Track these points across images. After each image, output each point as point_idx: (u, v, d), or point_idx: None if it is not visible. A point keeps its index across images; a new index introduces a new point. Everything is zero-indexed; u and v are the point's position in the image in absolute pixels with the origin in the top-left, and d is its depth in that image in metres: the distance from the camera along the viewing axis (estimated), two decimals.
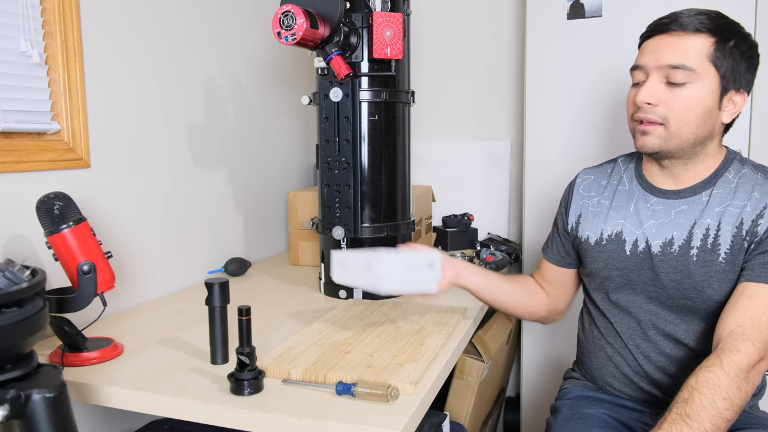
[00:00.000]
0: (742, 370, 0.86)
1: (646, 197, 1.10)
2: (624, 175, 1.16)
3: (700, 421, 0.82)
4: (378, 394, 0.84)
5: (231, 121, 1.73)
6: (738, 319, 0.93)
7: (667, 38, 1.00)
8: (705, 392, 0.84)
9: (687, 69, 0.97)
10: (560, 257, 1.24)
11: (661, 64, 0.99)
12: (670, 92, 0.99)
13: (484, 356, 1.57)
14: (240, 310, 0.88)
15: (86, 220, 1.00)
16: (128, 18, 1.33)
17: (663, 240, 1.05)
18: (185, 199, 1.53)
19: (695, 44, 0.98)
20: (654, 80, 1.00)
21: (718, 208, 1.02)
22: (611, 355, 1.14)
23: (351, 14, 1.30)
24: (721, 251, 1.00)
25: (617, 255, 1.10)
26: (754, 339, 0.89)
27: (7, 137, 1.10)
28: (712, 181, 1.04)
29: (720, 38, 0.98)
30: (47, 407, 0.65)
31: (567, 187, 1.26)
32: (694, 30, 0.98)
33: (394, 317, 1.23)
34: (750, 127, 1.57)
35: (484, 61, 2.16)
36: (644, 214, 1.09)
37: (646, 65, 1.02)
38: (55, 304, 0.97)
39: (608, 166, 1.21)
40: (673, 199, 1.07)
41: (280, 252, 2.01)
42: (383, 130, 1.37)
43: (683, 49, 0.98)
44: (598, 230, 1.13)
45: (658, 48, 1.00)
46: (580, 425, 1.10)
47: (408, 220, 1.46)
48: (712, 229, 1.01)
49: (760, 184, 1.01)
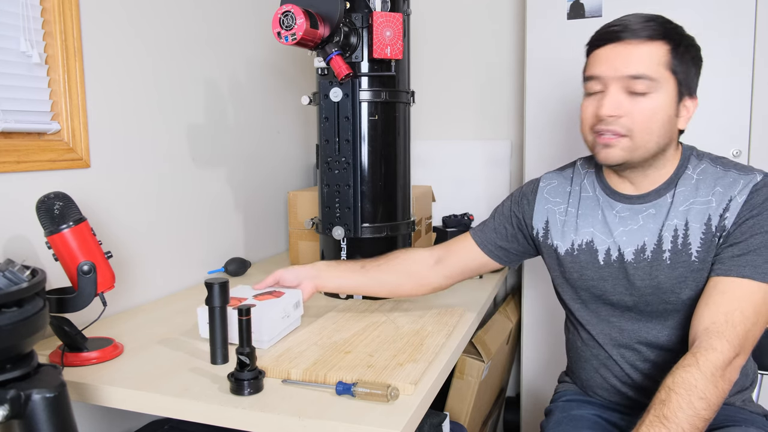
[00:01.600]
0: (718, 369, 0.85)
1: (611, 204, 1.07)
2: (585, 181, 1.13)
3: (678, 423, 0.81)
4: (378, 394, 0.84)
5: (231, 121, 1.73)
6: (711, 315, 0.91)
7: (622, 47, 0.96)
8: (682, 393, 0.83)
9: (647, 78, 0.95)
10: (494, 246, 1.20)
11: (620, 75, 0.96)
12: (632, 102, 0.96)
13: (484, 356, 1.57)
14: (240, 310, 0.88)
15: (86, 220, 1.00)
16: (128, 18, 1.33)
17: (635, 247, 1.03)
18: (185, 199, 1.53)
19: (652, 52, 0.95)
20: (614, 91, 0.96)
21: (683, 207, 1.00)
22: (597, 366, 1.13)
23: (351, 14, 1.30)
24: (693, 250, 0.99)
25: (591, 265, 1.08)
26: (728, 336, 0.88)
27: (7, 137, 1.10)
28: (673, 182, 1.03)
29: (673, 45, 0.96)
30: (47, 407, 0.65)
31: (528, 185, 1.21)
32: (647, 37, 0.95)
33: (394, 317, 1.23)
34: (750, 127, 1.57)
35: (484, 61, 2.16)
36: (612, 222, 1.06)
37: (604, 76, 0.97)
38: (55, 304, 0.97)
39: (569, 171, 1.17)
40: (638, 204, 1.05)
41: (280, 252, 2.01)
42: (383, 130, 1.37)
43: (641, 58, 0.95)
44: (569, 240, 1.11)
45: (614, 57, 0.96)
46: (570, 427, 1.10)
47: (408, 220, 1.46)
48: (681, 228, 1.00)
49: (721, 178, 0.99)
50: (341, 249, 1.40)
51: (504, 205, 1.23)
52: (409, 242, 1.48)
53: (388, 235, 1.39)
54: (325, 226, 1.38)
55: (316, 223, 1.45)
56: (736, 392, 1.07)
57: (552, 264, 1.16)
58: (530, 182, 1.22)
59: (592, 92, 1.01)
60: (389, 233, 1.39)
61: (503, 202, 1.24)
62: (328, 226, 1.37)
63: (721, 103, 1.59)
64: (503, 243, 1.20)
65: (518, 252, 1.21)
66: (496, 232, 1.21)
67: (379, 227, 1.38)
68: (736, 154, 1.58)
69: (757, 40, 1.54)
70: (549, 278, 1.20)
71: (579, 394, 1.20)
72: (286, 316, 1.11)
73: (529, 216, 1.17)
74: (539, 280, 1.82)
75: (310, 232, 1.76)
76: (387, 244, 1.41)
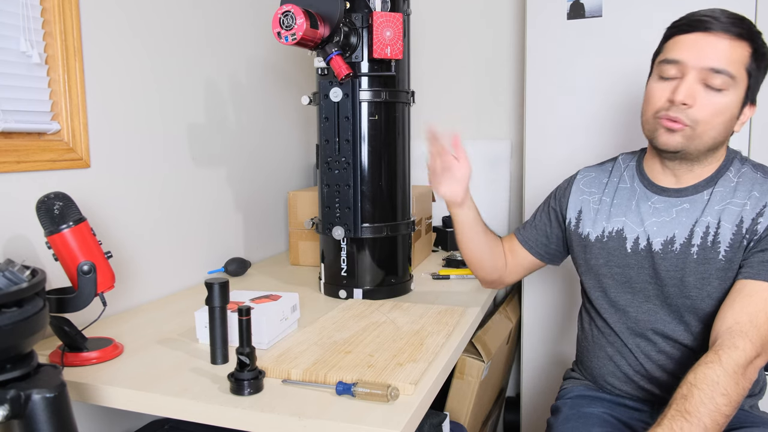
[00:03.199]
0: (740, 367, 0.86)
1: (647, 195, 1.09)
2: (625, 173, 1.15)
3: (699, 417, 0.82)
4: (378, 394, 0.84)
5: (231, 121, 1.73)
6: (736, 316, 0.93)
7: (711, 38, 0.95)
8: (704, 388, 0.84)
9: (727, 75, 0.94)
10: (534, 242, 1.25)
11: (703, 65, 0.95)
12: (706, 96, 0.96)
13: (484, 356, 1.57)
14: (240, 310, 0.88)
15: (86, 220, 1.00)
16: (128, 18, 1.33)
17: (664, 238, 1.05)
18: (185, 199, 1.53)
19: (737, 50, 0.95)
20: (692, 80, 0.96)
21: (718, 206, 1.02)
22: (611, 354, 1.14)
23: (351, 14, 1.30)
24: (721, 249, 1.00)
25: (618, 252, 1.10)
26: (751, 336, 0.89)
27: (7, 137, 1.10)
28: (713, 180, 1.04)
29: (755, 48, 0.96)
30: (47, 407, 0.65)
31: (565, 180, 1.25)
32: (737, 35, 0.95)
33: (394, 317, 1.23)
34: (750, 127, 1.57)
35: (484, 61, 2.16)
36: (646, 212, 1.08)
37: (686, 62, 0.96)
38: (55, 304, 0.97)
39: (609, 165, 1.20)
40: (675, 197, 1.06)
41: (280, 252, 2.01)
42: (383, 130, 1.37)
43: (728, 53, 0.94)
44: (600, 227, 1.13)
45: (700, 46, 0.95)
46: (580, 424, 1.10)
47: (408, 220, 1.46)
48: (712, 227, 1.01)
49: (759, 183, 1.01)
50: (341, 249, 1.40)
51: (544, 203, 1.27)
52: (409, 242, 1.48)
53: (388, 235, 1.39)
54: (325, 226, 1.38)
55: (316, 223, 1.45)
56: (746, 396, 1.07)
57: (579, 252, 1.18)
58: (568, 178, 1.26)
59: (665, 76, 1.00)
60: (389, 233, 1.39)
61: (545, 200, 1.28)
62: (328, 226, 1.37)
63: None
64: (543, 239, 1.24)
65: (559, 247, 1.24)
66: (536, 228, 1.25)
67: (379, 227, 1.38)
68: None
69: None
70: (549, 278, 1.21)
71: (588, 389, 1.21)
72: (283, 319, 1.11)
73: (564, 207, 1.21)
74: (539, 280, 1.82)
75: (310, 232, 1.76)
76: (387, 244, 1.41)
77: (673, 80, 0.99)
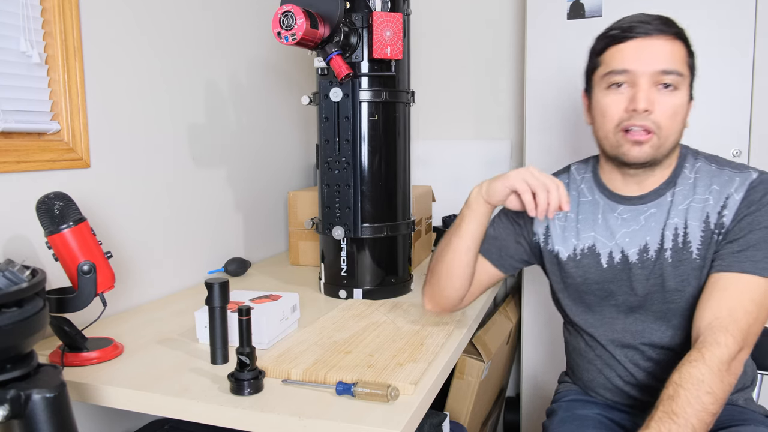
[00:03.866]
0: (724, 363, 0.86)
1: (612, 206, 1.07)
2: (583, 185, 1.12)
3: (686, 418, 0.82)
4: (378, 394, 0.84)
5: (231, 121, 1.73)
6: (714, 311, 0.92)
7: (652, 41, 0.96)
8: (689, 388, 0.84)
9: (677, 73, 0.95)
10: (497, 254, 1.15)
11: (654, 69, 0.95)
12: (662, 98, 0.96)
13: (484, 356, 1.57)
14: (240, 310, 0.88)
15: (86, 220, 1.00)
16: (128, 18, 1.33)
17: (638, 247, 1.03)
18: (185, 199, 1.53)
19: (677, 49, 0.97)
20: (646, 85, 0.95)
21: (682, 206, 1.01)
22: (601, 367, 1.13)
23: (351, 14, 1.30)
24: (693, 248, 0.99)
25: (594, 269, 1.07)
26: (732, 330, 0.89)
27: (7, 137, 1.10)
28: (672, 181, 1.03)
29: (687, 45, 0.99)
30: (47, 407, 0.65)
31: None
32: (673, 34, 0.96)
33: (394, 317, 1.23)
34: (750, 127, 1.57)
35: (484, 61, 2.16)
36: (614, 225, 1.06)
37: (635, 70, 0.96)
38: (55, 304, 0.97)
39: (564, 177, 1.16)
40: (640, 204, 1.05)
41: (280, 252, 2.01)
42: (383, 130, 1.37)
43: (672, 53, 0.96)
44: (570, 245, 1.10)
45: (645, 51, 0.95)
46: (575, 426, 1.10)
47: (408, 220, 1.46)
48: (680, 227, 1.01)
49: (716, 176, 1.01)
50: (341, 249, 1.40)
51: (501, 215, 1.19)
52: (409, 242, 1.48)
53: (388, 235, 1.39)
54: (325, 226, 1.38)
55: (316, 223, 1.45)
56: (737, 390, 1.07)
57: (552, 269, 1.15)
58: None
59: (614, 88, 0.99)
60: (389, 233, 1.39)
61: (499, 213, 1.20)
62: (328, 226, 1.37)
63: (721, 103, 1.59)
64: (505, 251, 1.16)
65: (521, 259, 1.18)
66: (497, 240, 1.17)
67: (379, 227, 1.38)
68: (736, 154, 1.58)
69: (758, 40, 1.54)
70: None
71: (581, 393, 1.20)
72: (283, 319, 1.11)
73: (529, 222, 1.15)
74: (539, 281, 1.82)
75: (310, 232, 1.76)
76: (387, 244, 1.41)
77: (624, 91, 0.98)
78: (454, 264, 1.09)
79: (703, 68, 1.58)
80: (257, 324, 1.01)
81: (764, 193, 0.96)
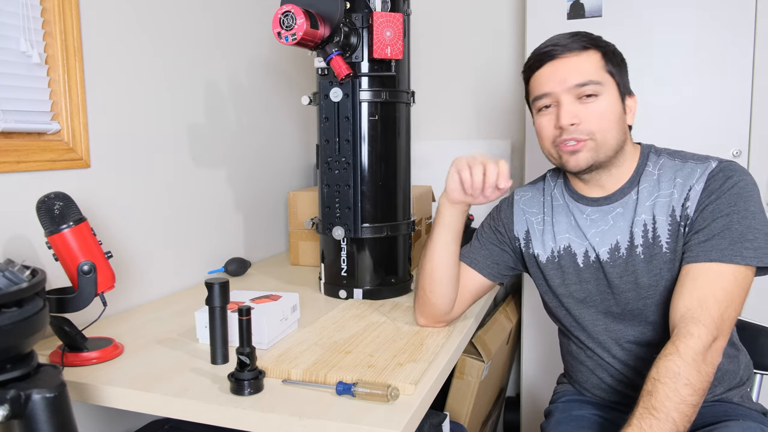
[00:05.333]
0: (699, 354, 0.87)
1: (580, 208, 1.11)
2: (555, 190, 1.16)
3: (666, 412, 0.83)
4: (378, 394, 0.84)
5: (231, 121, 1.73)
6: (686, 302, 0.93)
7: (563, 61, 1.03)
8: (667, 382, 0.85)
9: (593, 82, 1.01)
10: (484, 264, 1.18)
11: (569, 86, 1.01)
12: (586, 108, 1.01)
13: (484, 356, 1.57)
14: (240, 310, 0.88)
15: (86, 220, 1.00)
16: (128, 18, 1.33)
17: (609, 246, 1.06)
18: (185, 199, 1.53)
19: (589, 59, 1.02)
20: (567, 102, 1.02)
21: (648, 203, 1.04)
22: (593, 368, 1.14)
23: (351, 14, 1.30)
24: (663, 242, 1.01)
25: (572, 268, 1.10)
26: (704, 320, 0.90)
27: (7, 137, 1.10)
28: (635, 179, 1.06)
29: (603, 51, 1.03)
30: (47, 407, 0.65)
31: (503, 202, 1.22)
32: (581, 48, 1.03)
33: (394, 317, 1.23)
34: (750, 127, 1.57)
35: (484, 61, 2.16)
36: (584, 225, 1.09)
37: (552, 91, 1.03)
38: (55, 304, 0.97)
39: (540, 183, 1.21)
40: (607, 205, 1.08)
41: (280, 252, 2.01)
42: (383, 130, 1.37)
43: (583, 66, 1.02)
44: (549, 248, 1.13)
45: (558, 72, 1.02)
46: (572, 427, 1.11)
47: (408, 220, 1.46)
48: (649, 223, 1.03)
49: (680, 169, 1.03)
50: (341, 249, 1.40)
51: (484, 226, 1.24)
52: (409, 242, 1.48)
53: (388, 235, 1.39)
54: (325, 226, 1.38)
55: (316, 223, 1.45)
56: (732, 387, 1.07)
57: (535, 273, 1.17)
58: (503, 200, 1.23)
59: (543, 110, 1.06)
60: (389, 233, 1.39)
61: (482, 224, 1.25)
62: (328, 226, 1.37)
63: (721, 103, 1.59)
64: (491, 259, 1.19)
65: (507, 266, 1.21)
66: (483, 249, 1.20)
67: (379, 227, 1.38)
68: (736, 154, 1.58)
69: (757, 40, 1.54)
70: None
71: (578, 394, 1.21)
72: (283, 319, 1.11)
73: (510, 228, 1.19)
74: None
75: (310, 232, 1.76)
76: (387, 244, 1.41)
77: (552, 111, 1.05)
78: (434, 267, 1.13)
79: (703, 68, 1.59)
80: (257, 324, 1.01)
81: (723, 181, 0.98)
